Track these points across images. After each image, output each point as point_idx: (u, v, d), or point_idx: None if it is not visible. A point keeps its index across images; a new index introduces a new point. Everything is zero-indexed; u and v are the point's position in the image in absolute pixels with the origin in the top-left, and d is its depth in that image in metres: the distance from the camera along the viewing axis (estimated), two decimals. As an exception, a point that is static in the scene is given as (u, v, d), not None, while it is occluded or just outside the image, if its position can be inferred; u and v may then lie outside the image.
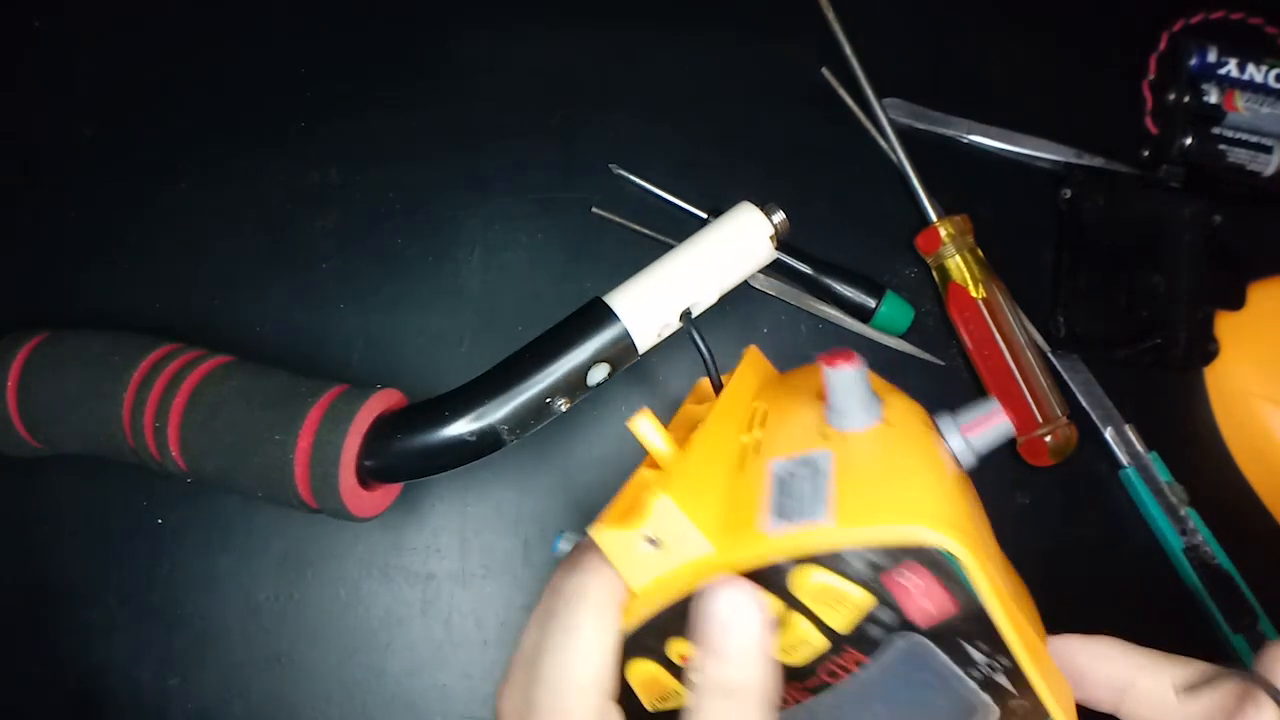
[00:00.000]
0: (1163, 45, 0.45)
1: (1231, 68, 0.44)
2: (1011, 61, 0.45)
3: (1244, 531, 0.42)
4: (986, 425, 0.24)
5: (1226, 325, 0.41)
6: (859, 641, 0.20)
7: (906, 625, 0.20)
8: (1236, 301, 0.41)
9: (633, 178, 0.42)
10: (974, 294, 0.41)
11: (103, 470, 0.37)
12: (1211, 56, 0.44)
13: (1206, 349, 0.41)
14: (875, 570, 0.19)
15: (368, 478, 0.33)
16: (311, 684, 0.39)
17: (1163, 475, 0.41)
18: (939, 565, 0.19)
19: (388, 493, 0.35)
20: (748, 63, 0.44)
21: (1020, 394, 0.40)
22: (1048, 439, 0.39)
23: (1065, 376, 0.42)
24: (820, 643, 0.21)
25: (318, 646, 0.39)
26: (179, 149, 0.42)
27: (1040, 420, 0.40)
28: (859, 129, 0.43)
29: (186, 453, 0.33)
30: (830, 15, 0.41)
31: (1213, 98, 0.43)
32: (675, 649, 0.22)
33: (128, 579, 0.39)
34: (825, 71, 0.43)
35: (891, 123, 0.42)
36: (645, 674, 0.23)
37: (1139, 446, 0.42)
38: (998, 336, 0.40)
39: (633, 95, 0.43)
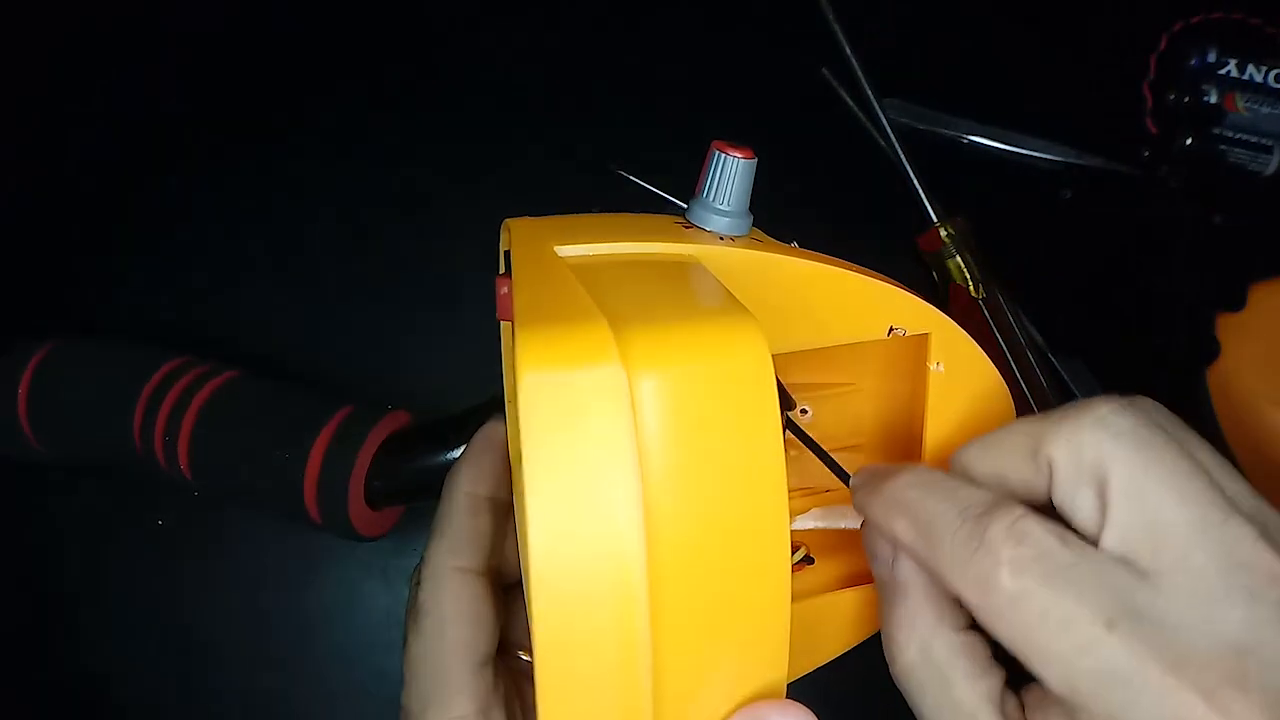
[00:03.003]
0: (1163, 45, 0.45)
1: (1231, 68, 0.44)
2: (1011, 61, 0.45)
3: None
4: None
5: (1227, 326, 0.41)
6: None
7: None
8: (1237, 302, 0.41)
9: (633, 178, 0.42)
10: (974, 294, 0.41)
11: (103, 471, 0.37)
12: (1211, 57, 0.44)
13: (1207, 349, 0.41)
14: None
15: (377, 498, 0.34)
16: (312, 685, 0.39)
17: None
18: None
19: (393, 512, 0.36)
20: (748, 63, 0.44)
21: (1020, 394, 0.40)
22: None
23: (1065, 376, 0.42)
24: None
25: (318, 647, 0.39)
26: (179, 151, 0.42)
27: (1040, 420, 0.40)
28: (859, 129, 0.43)
29: (195, 467, 0.34)
30: (830, 15, 0.41)
31: (1213, 98, 0.43)
32: None
33: (128, 579, 0.39)
34: (825, 72, 0.43)
35: (891, 123, 0.42)
36: None
37: (1139, 447, 0.42)
38: (998, 336, 0.40)
39: (633, 95, 0.43)
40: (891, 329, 0.24)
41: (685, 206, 0.42)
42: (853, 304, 0.24)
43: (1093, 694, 0.17)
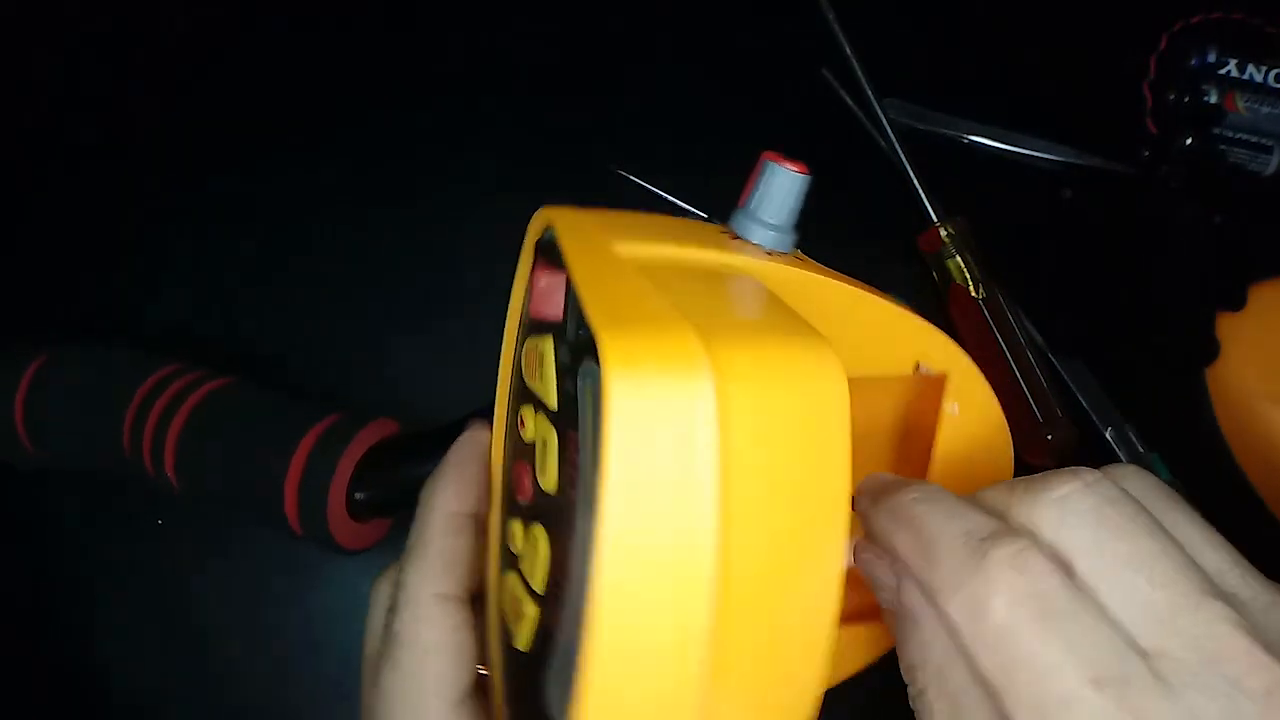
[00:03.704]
0: (1163, 45, 0.45)
1: (1231, 68, 0.44)
2: (1011, 61, 0.45)
3: (1246, 532, 0.42)
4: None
5: (1227, 325, 0.41)
6: (568, 414, 0.18)
7: (580, 350, 0.18)
8: (1237, 302, 0.41)
9: (633, 178, 0.42)
10: (974, 294, 0.41)
11: (101, 477, 0.37)
12: (1211, 56, 0.44)
13: (1207, 349, 0.41)
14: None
15: (359, 510, 0.33)
16: (311, 686, 0.39)
17: (1163, 475, 0.41)
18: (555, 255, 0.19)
19: (378, 526, 0.35)
20: (748, 63, 0.44)
21: (1020, 394, 0.40)
22: (1048, 439, 0.39)
23: (1065, 376, 0.42)
24: (548, 431, 0.19)
25: (318, 649, 0.39)
26: (176, 157, 0.42)
27: (1040, 420, 0.40)
28: (859, 129, 0.43)
29: (180, 474, 0.34)
30: (830, 15, 0.41)
31: (1213, 98, 0.43)
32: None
33: (128, 579, 0.39)
34: (825, 72, 0.43)
35: (891, 123, 0.42)
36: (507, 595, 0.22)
37: (1139, 447, 0.42)
38: (998, 336, 0.40)
39: (633, 95, 0.43)
40: (919, 365, 0.24)
41: (687, 208, 0.42)
42: (886, 335, 0.24)
43: None
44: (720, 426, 0.15)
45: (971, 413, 0.25)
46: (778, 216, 0.23)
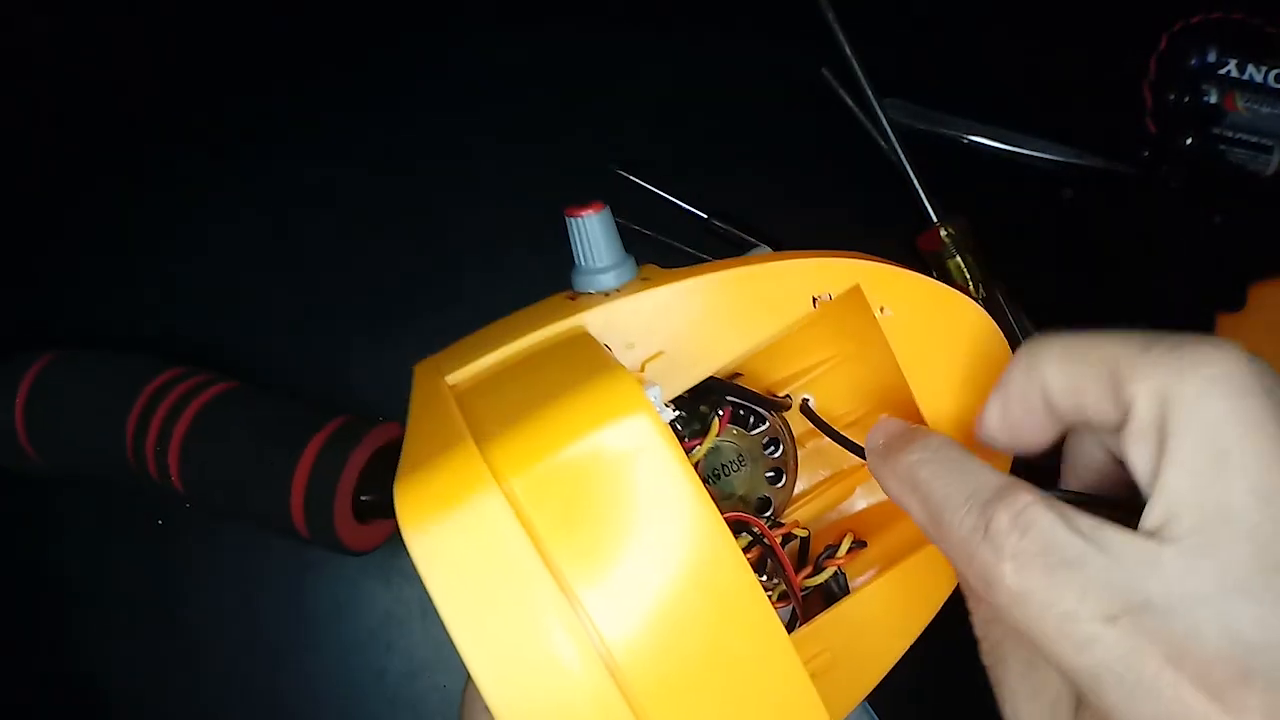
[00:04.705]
0: (1163, 45, 0.45)
1: (1231, 68, 0.44)
2: (1012, 61, 0.45)
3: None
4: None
5: (1227, 326, 0.41)
6: None
7: None
8: (1237, 302, 0.41)
9: (633, 178, 0.42)
10: (974, 294, 0.41)
11: (101, 481, 0.37)
12: (1211, 56, 0.44)
13: (1207, 349, 0.41)
14: None
15: (365, 512, 0.33)
16: (312, 685, 0.39)
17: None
18: None
19: (384, 528, 0.35)
20: (748, 63, 0.44)
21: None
22: (1048, 439, 0.39)
23: (1065, 377, 0.42)
24: None
25: (318, 647, 0.39)
26: (177, 161, 0.42)
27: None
28: (859, 129, 0.43)
29: (185, 479, 0.34)
30: (830, 15, 0.41)
31: (1213, 98, 0.43)
32: None
33: (128, 579, 0.39)
34: (825, 72, 0.43)
35: (891, 123, 0.42)
36: None
37: (1139, 447, 0.42)
38: (998, 337, 0.40)
39: (633, 95, 0.43)
40: (815, 299, 0.24)
41: (686, 208, 0.42)
42: (764, 293, 0.24)
43: (1093, 690, 0.17)
44: (529, 516, 0.17)
45: (911, 306, 0.24)
46: (602, 258, 0.24)
